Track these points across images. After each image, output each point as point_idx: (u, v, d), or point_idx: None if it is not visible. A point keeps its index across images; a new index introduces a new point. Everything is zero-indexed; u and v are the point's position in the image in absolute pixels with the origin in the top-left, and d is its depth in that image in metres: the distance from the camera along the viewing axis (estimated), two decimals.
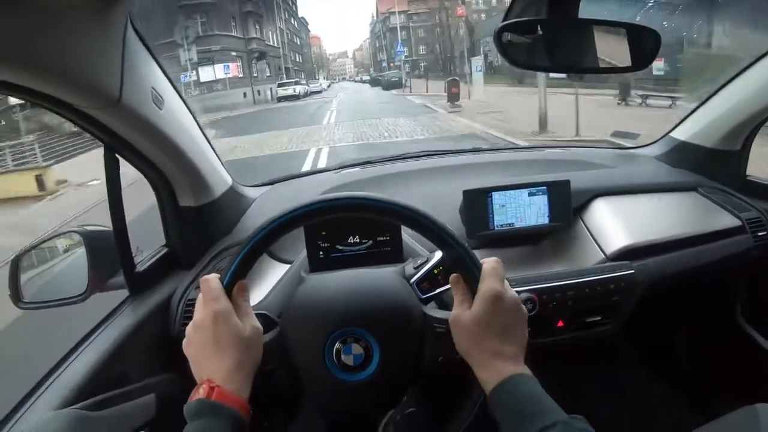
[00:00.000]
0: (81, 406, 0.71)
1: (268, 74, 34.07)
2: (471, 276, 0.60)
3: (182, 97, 0.87)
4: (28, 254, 0.96)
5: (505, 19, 0.76)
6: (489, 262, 0.60)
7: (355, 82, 66.68)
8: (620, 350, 1.36)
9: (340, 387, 0.65)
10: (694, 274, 1.06)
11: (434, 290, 0.75)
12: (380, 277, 0.73)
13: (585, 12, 0.72)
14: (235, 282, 0.60)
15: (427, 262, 0.77)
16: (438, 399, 0.90)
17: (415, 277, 0.76)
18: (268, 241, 0.61)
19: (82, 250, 0.93)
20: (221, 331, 0.57)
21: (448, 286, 0.74)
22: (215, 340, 0.57)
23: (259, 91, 29.51)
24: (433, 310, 0.69)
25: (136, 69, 0.70)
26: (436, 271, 0.76)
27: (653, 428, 0.99)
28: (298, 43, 59.13)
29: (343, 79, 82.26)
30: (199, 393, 0.55)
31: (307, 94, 31.41)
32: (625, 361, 1.41)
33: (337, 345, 0.65)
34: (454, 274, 0.62)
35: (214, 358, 0.57)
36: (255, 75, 31.29)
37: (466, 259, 0.60)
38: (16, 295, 0.93)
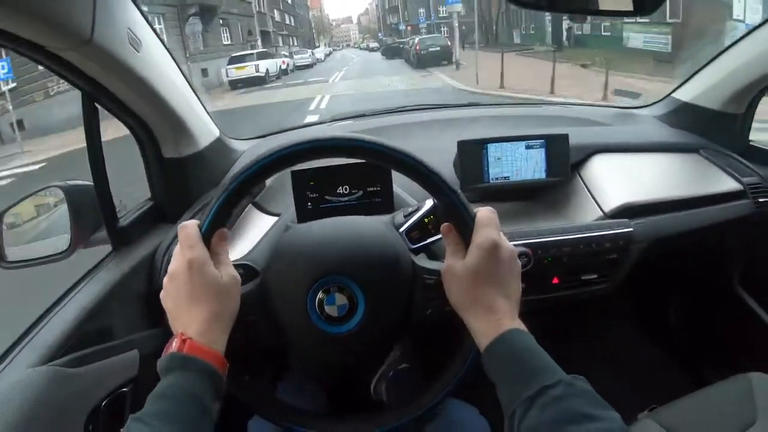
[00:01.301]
0: (60, 362, 0.69)
1: (228, 42, 22.38)
2: (464, 225, 0.57)
3: (163, 42, 0.84)
4: (9, 212, 0.94)
5: None
6: (483, 210, 0.57)
7: (360, 49, 55.78)
8: (615, 311, 1.34)
9: (324, 339, 0.62)
10: (692, 237, 1.04)
11: (424, 240, 0.72)
12: (367, 224, 0.70)
13: None
14: (214, 229, 0.57)
15: (417, 210, 0.74)
16: (429, 355, 0.88)
17: (405, 226, 0.72)
18: (247, 186, 0.58)
19: (63, 206, 0.91)
20: (196, 281, 0.54)
21: (439, 236, 0.72)
22: (190, 290, 0.54)
23: (205, 71, 17.65)
24: (423, 260, 0.67)
25: (110, 7, 0.67)
26: (426, 220, 0.72)
27: (645, 391, 0.97)
28: (290, 1, 48.91)
29: (347, 45, 73.96)
30: (172, 347, 0.52)
31: (286, 72, 21.16)
32: (620, 322, 1.39)
33: (320, 295, 0.62)
34: (446, 224, 0.59)
35: (188, 309, 0.54)
36: (199, 45, 18.25)
37: (460, 207, 0.57)
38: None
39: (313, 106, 10.70)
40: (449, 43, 18.60)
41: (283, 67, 21.51)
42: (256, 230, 0.90)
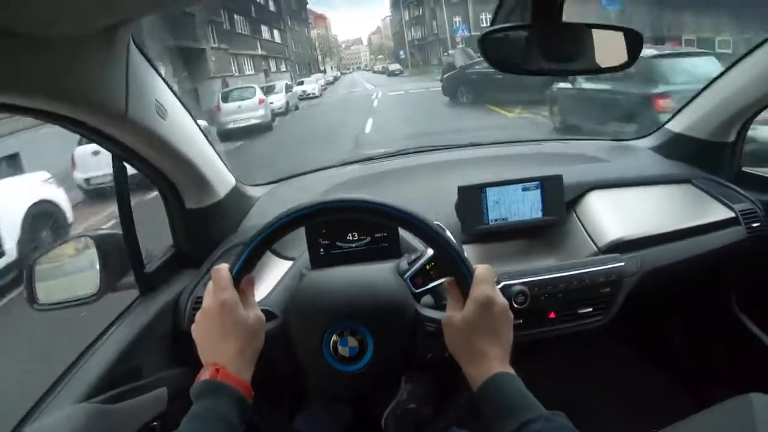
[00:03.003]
0: (98, 400, 0.76)
1: None
2: (463, 280, 0.64)
3: (184, 105, 0.91)
4: (42, 258, 1.01)
5: (491, 25, 0.79)
6: (481, 268, 0.64)
7: (375, 73, 44.27)
8: (613, 341, 1.38)
9: (337, 376, 0.70)
10: (685, 266, 1.07)
11: (426, 285, 0.79)
12: (376, 274, 0.78)
13: (569, 16, 0.73)
14: (244, 273, 0.64)
15: (420, 257, 0.81)
16: (433, 395, 0.94)
17: (409, 273, 0.79)
18: (272, 238, 0.65)
19: (93, 253, 0.98)
20: (227, 319, 0.61)
21: (439, 281, 0.78)
22: (221, 327, 0.61)
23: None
24: (425, 309, 0.74)
25: (140, 84, 0.74)
26: (428, 267, 0.79)
27: (647, 417, 1.01)
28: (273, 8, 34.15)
29: (357, 68, 61.06)
30: (205, 375, 0.59)
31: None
32: (619, 351, 1.43)
33: (334, 337, 0.70)
34: (449, 279, 0.66)
35: (219, 343, 0.61)
36: None
37: (460, 265, 0.64)
38: (31, 298, 0.97)
39: None
40: None
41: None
42: (272, 275, 0.96)
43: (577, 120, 6.36)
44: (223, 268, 0.64)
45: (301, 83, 21.94)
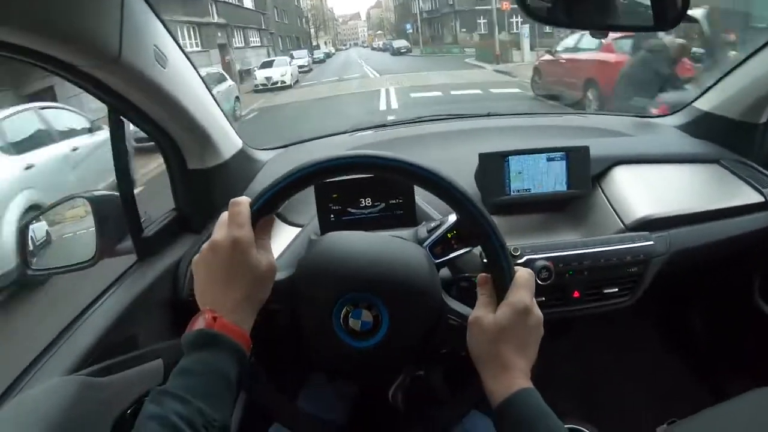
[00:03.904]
0: (87, 372, 0.70)
1: None
2: (502, 281, 0.57)
3: (187, 57, 0.85)
4: (35, 221, 0.96)
5: None
6: (523, 272, 0.58)
7: (374, 50, 38.32)
8: (635, 324, 1.33)
9: (344, 350, 0.63)
10: (713, 249, 1.03)
11: (447, 255, 0.72)
12: (401, 247, 0.69)
13: None
14: (264, 213, 0.57)
15: (440, 225, 0.74)
16: (448, 364, 0.88)
17: (428, 241, 0.73)
18: (305, 181, 0.57)
19: (89, 216, 0.93)
20: (237, 260, 0.53)
21: (460, 251, 0.72)
22: (228, 268, 0.54)
23: None
24: (452, 301, 0.66)
25: (136, 25, 0.68)
26: (449, 235, 0.73)
27: (665, 404, 0.97)
28: None
29: (354, 44, 54.88)
30: (199, 322, 0.51)
31: None
32: (640, 335, 1.38)
33: (346, 308, 0.62)
34: (483, 274, 0.60)
35: (223, 286, 0.54)
36: None
37: (503, 264, 0.57)
38: (24, 263, 0.93)
39: None
40: None
41: None
42: (279, 241, 0.91)
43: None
44: (243, 201, 0.56)
45: (268, 65, 16.02)
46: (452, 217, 0.73)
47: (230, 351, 0.50)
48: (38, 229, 0.97)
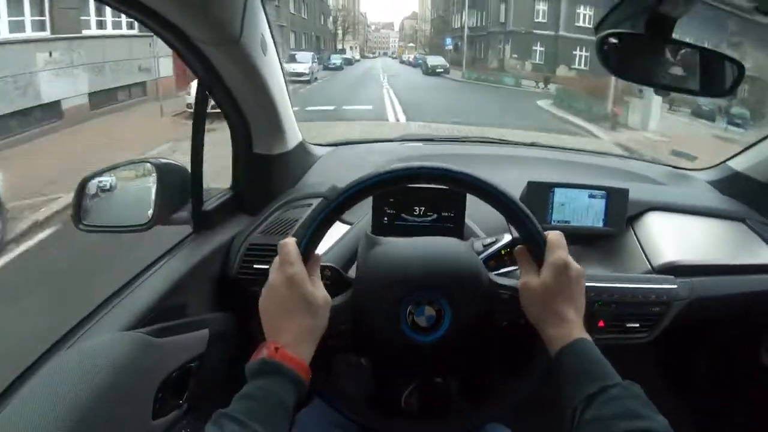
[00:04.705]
0: (146, 330, 0.74)
1: None
2: (537, 247, 0.64)
3: (276, 48, 0.89)
4: (96, 178, 0.99)
5: (602, 27, 0.78)
6: (554, 234, 0.65)
7: (401, 63, 33.42)
8: (646, 362, 1.38)
9: (414, 347, 0.68)
10: (730, 302, 1.08)
11: (500, 269, 0.78)
12: (451, 243, 0.76)
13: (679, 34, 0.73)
14: (312, 247, 0.62)
15: (496, 242, 0.80)
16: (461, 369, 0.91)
17: (484, 255, 0.79)
18: (344, 206, 0.63)
19: (150, 182, 0.96)
20: (293, 295, 0.58)
21: (514, 268, 0.77)
22: (286, 303, 0.59)
23: None
24: (499, 278, 0.72)
25: (254, 11, 0.73)
26: (503, 252, 0.79)
27: None
28: None
29: (384, 54, 51.03)
30: (263, 353, 0.56)
31: None
32: (648, 374, 1.42)
33: (410, 307, 0.68)
34: (519, 247, 0.66)
35: (283, 320, 0.58)
36: None
37: (534, 231, 0.64)
38: (77, 216, 0.95)
39: None
40: None
41: None
42: (328, 236, 0.95)
43: None
44: (291, 242, 0.61)
45: None
46: (507, 237, 0.79)
47: (290, 379, 0.54)
48: (99, 186, 1.01)
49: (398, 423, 0.72)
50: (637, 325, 0.98)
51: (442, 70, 23.62)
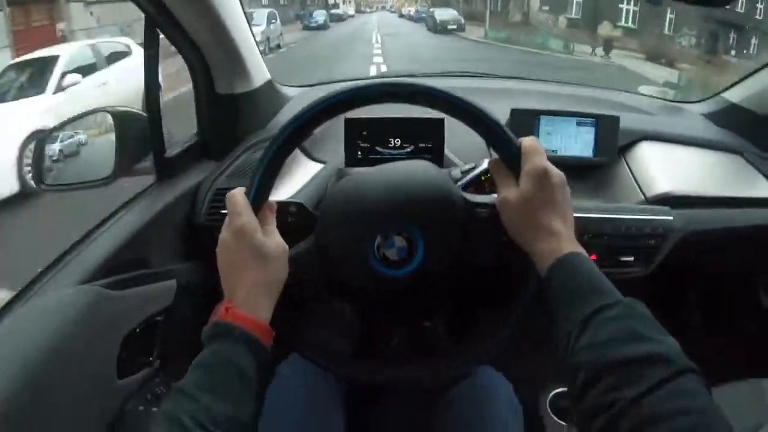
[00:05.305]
0: (102, 283, 0.69)
1: None
2: (511, 155, 0.57)
3: None
4: (54, 135, 0.94)
5: None
6: (528, 139, 0.57)
7: (400, 17, 29.42)
8: (638, 297, 1.34)
9: (386, 282, 0.61)
10: (728, 236, 1.03)
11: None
12: (417, 166, 0.68)
13: None
14: (262, 195, 0.56)
15: (475, 167, 0.74)
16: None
17: (462, 182, 0.73)
18: (296, 137, 0.58)
19: (109, 133, 0.91)
20: (243, 248, 0.53)
21: (494, 195, 0.71)
22: (235, 258, 0.53)
23: None
24: (474, 196, 0.65)
25: None
26: (483, 178, 0.73)
27: None
28: None
29: (382, 8, 46.24)
30: (217, 315, 0.52)
31: None
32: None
33: (378, 239, 0.61)
34: (494, 158, 0.59)
35: (235, 276, 0.53)
36: None
37: (503, 137, 0.57)
38: (38, 177, 0.91)
39: None
40: None
41: None
42: (301, 174, 0.90)
43: None
44: (237, 192, 0.55)
45: None
46: (486, 162, 0.73)
47: (242, 341, 0.49)
48: (55, 143, 0.96)
49: (385, 372, 0.66)
50: (632, 258, 0.93)
51: (455, 26, 17.81)
